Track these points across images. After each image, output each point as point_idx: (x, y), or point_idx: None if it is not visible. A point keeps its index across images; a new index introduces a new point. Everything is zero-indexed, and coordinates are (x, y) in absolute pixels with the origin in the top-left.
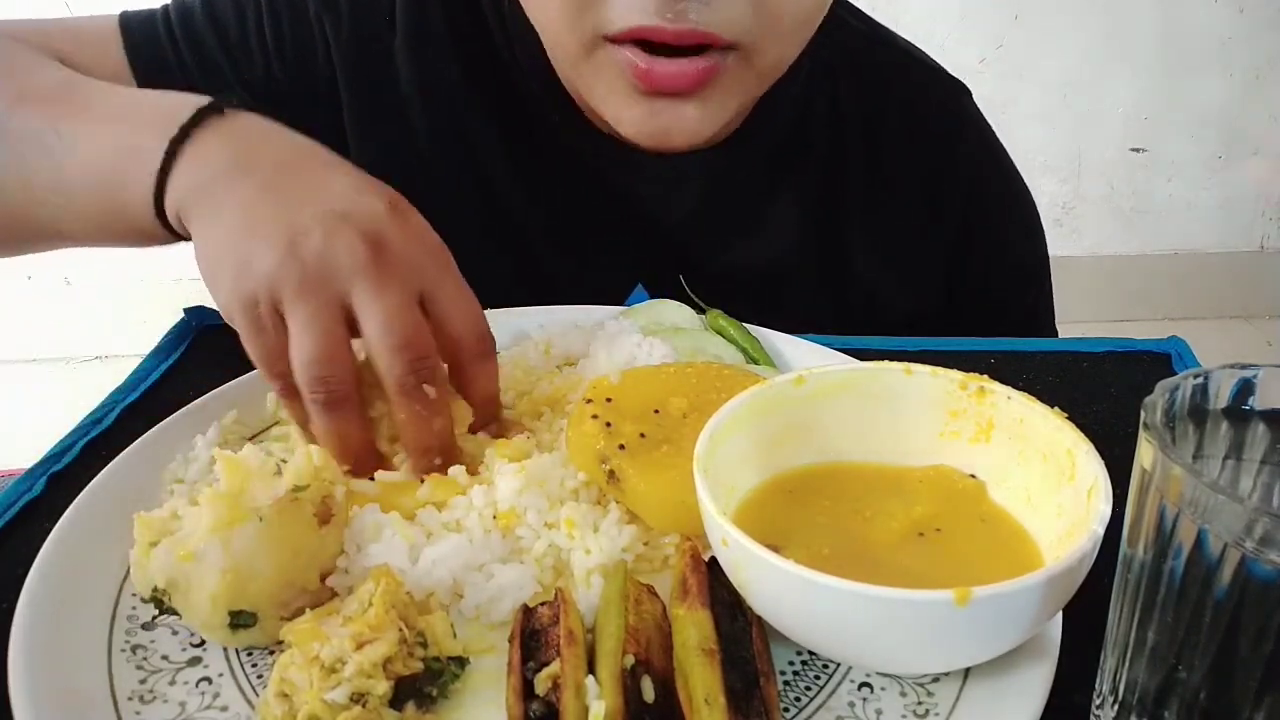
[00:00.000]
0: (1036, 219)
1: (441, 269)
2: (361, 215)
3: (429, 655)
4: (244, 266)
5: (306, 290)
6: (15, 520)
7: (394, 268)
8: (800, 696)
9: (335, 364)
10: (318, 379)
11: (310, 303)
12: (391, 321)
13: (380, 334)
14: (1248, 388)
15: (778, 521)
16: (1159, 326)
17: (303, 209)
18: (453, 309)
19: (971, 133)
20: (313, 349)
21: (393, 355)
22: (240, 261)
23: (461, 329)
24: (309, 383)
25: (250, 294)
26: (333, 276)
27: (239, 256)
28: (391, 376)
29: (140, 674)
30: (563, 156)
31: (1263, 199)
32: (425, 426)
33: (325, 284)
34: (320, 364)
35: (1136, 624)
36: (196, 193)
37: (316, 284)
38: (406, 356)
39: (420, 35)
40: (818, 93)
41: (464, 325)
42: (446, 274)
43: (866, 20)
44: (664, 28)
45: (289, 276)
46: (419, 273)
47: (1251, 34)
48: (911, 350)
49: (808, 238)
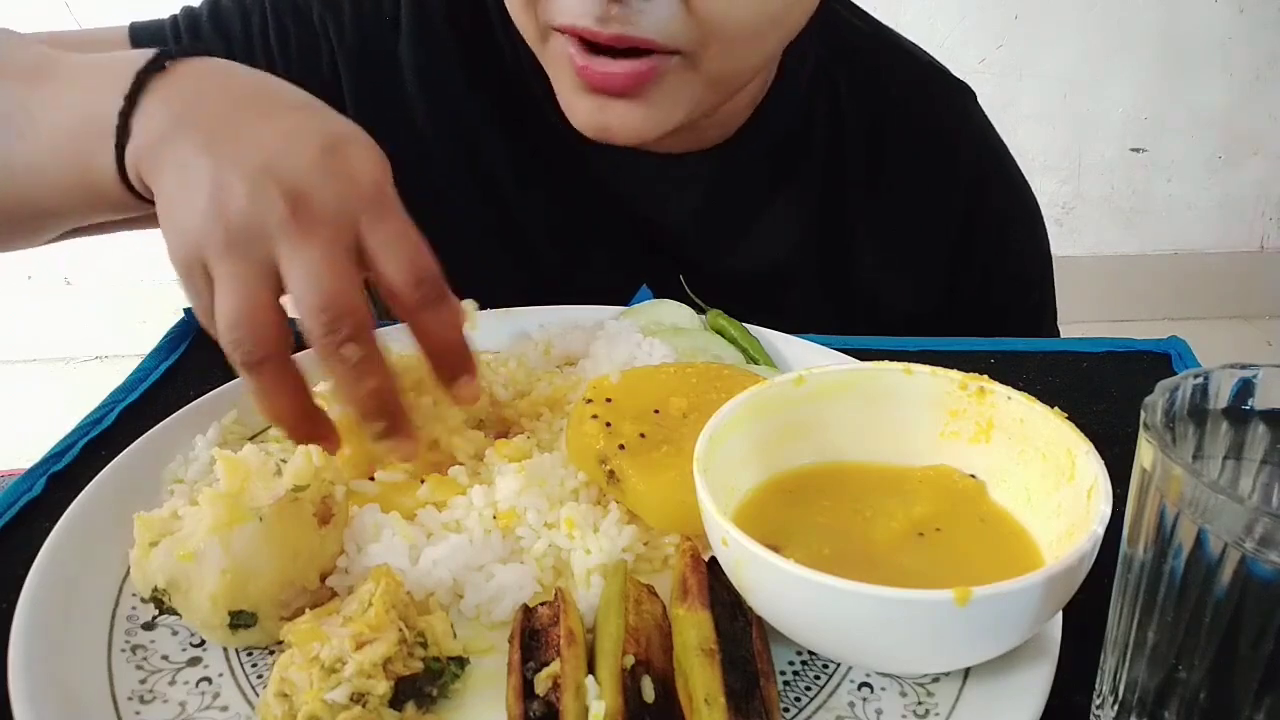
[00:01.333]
0: (1040, 222)
1: (376, 213)
2: (287, 167)
3: (429, 655)
4: (177, 229)
5: (228, 251)
6: (15, 520)
7: (316, 222)
8: (800, 696)
9: (253, 325)
10: (234, 340)
11: (231, 263)
12: (308, 280)
13: (299, 294)
14: (1248, 388)
15: (778, 521)
16: (1159, 326)
17: (229, 166)
18: (388, 254)
19: (975, 134)
20: (230, 311)
21: (311, 316)
22: (176, 221)
23: (397, 275)
24: (227, 344)
25: (184, 256)
26: (255, 236)
27: (175, 216)
28: (313, 339)
29: (140, 674)
30: (565, 157)
31: (1263, 199)
32: (355, 388)
33: (248, 244)
34: (237, 325)
35: (1136, 624)
36: (146, 158)
37: (238, 244)
38: (323, 317)
39: (423, 36)
40: (820, 93)
41: (401, 271)
42: (381, 218)
43: (869, 20)
44: (598, 31)
45: (212, 237)
46: (348, 220)
47: (1251, 34)
48: (911, 350)
49: (809, 238)
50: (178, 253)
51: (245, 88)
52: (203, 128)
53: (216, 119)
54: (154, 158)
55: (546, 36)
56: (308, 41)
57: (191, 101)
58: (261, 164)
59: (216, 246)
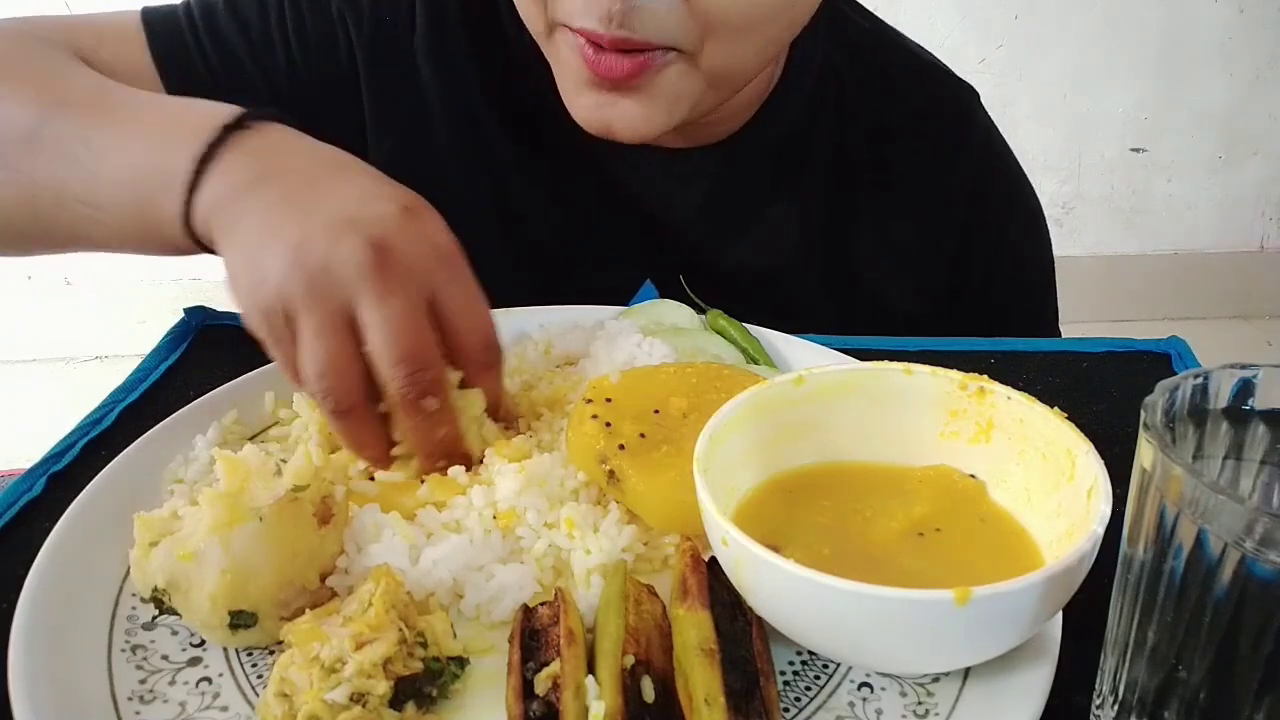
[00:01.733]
0: (1043, 223)
1: (451, 274)
2: (369, 220)
3: (429, 655)
4: (257, 279)
5: (312, 300)
6: (15, 520)
7: (398, 275)
8: (800, 696)
9: (339, 375)
10: (324, 390)
11: (315, 313)
12: (392, 332)
13: (381, 346)
14: (1248, 388)
15: (778, 521)
16: (1159, 326)
17: (312, 218)
18: (459, 316)
19: (978, 135)
20: (317, 362)
21: (392, 368)
22: (253, 274)
23: (467, 337)
24: (316, 393)
25: (264, 306)
26: (337, 284)
27: (252, 269)
28: (393, 389)
29: (140, 674)
30: (572, 154)
31: (1263, 199)
32: (428, 436)
33: (330, 293)
34: (324, 376)
35: (1136, 624)
36: (220, 210)
37: (321, 294)
38: (405, 370)
39: (438, 33)
40: (824, 92)
41: (470, 333)
42: (455, 279)
43: (874, 20)
44: (601, 33)
45: (295, 286)
46: (426, 278)
47: (1251, 34)
48: (911, 350)
49: (812, 238)
50: (255, 302)
51: (324, 153)
52: (285, 184)
53: (298, 177)
54: (231, 208)
55: (552, 32)
56: (325, 32)
57: (273, 160)
58: (345, 216)
59: (300, 294)
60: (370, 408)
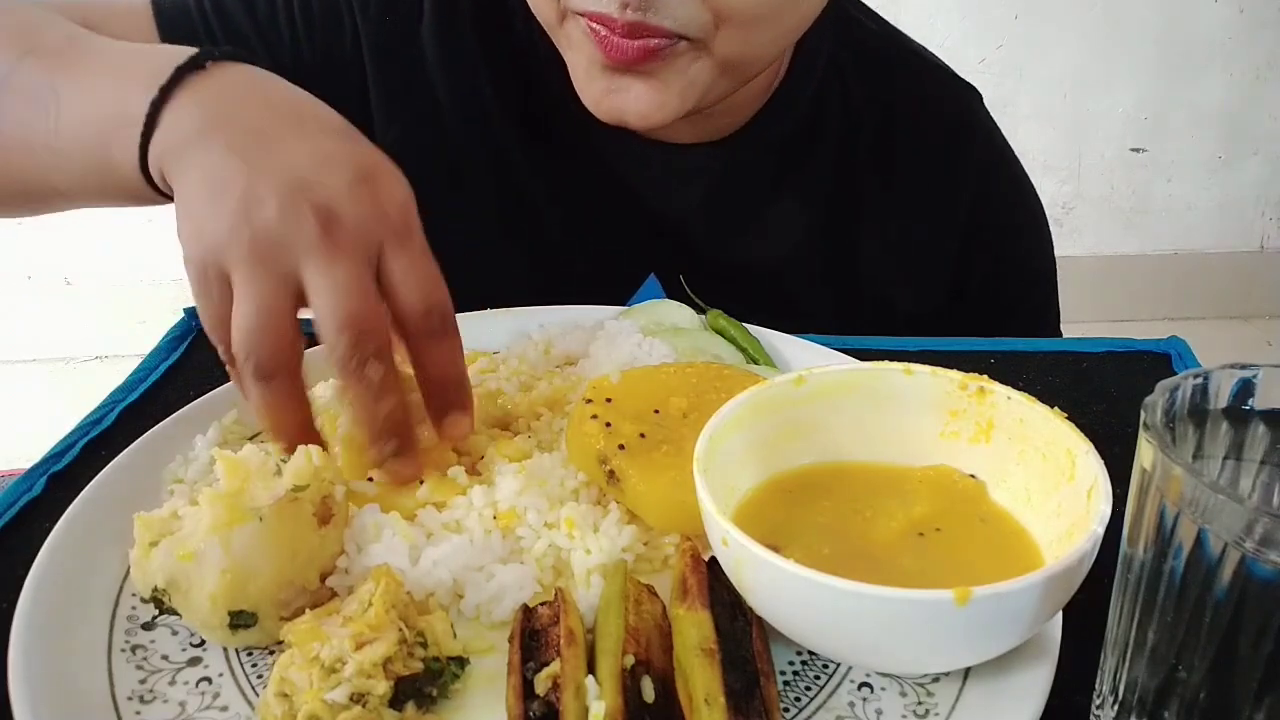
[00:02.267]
0: (1044, 224)
1: (398, 240)
2: (321, 186)
3: (429, 655)
4: (198, 230)
5: (253, 260)
6: (15, 520)
7: (345, 242)
8: (800, 696)
9: (268, 336)
10: (249, 349)
11: (254, 273)
12: (335, 298)
13: (324, 311)
14: (1248, 388)
15: (778, 521)
16: (1159, 326)
17: (262, 178)
18: (404, 281)
19: (981, 136)
20: (249, 319)
21: (335, 334)
22: (196, 225)
23: (409, 302)
24: (241, 351)
25: (201, 258)
26: (283, 249)
27: (196, 220)
28: (335, 356)
29: (140, 674)
30: (577, 146)
31: (1263, 199)
32: (372, 408)
33: (274, 257)
34: (253, 334)
35: (1136, 624)
36: (172, 154)
37: (264, 255)
38: (348, 335)
39: (445, 20)
40: (828, 91)
41: (413, 298)
42: (404, 245)
43: (879, 20)
44: (615, 19)
45: (238, 245)
46: (374, 243)
47: (1251, 34)
48: (912, 350)
49: (814, 235)
50: (195, 252)
51: (282, 102)
52: (236, 133)
53: (251, 127)
54: (181, 154)
55: (564, 19)
56: (332, 19)
57: (227, 105)
58: (296, 180)
59: (241, 253)
60: (296, 377)
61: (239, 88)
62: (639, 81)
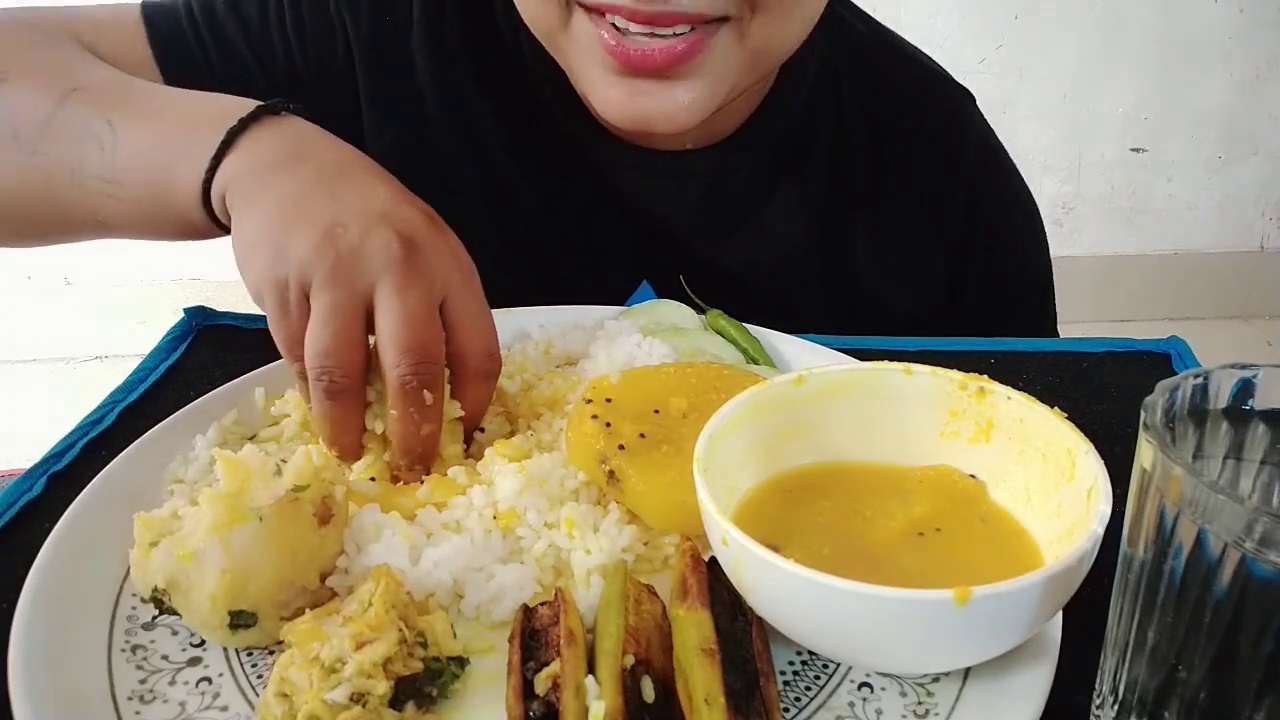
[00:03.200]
0: (1040, 226)
1: (466, 283)
2: (400, 218)
3: (429, 655)
4: (281, 249)
5: (335, 279)
6: (15, 520)
7: (421, 270)
8: (800, 696)
9: (343, 355)
10: (324, 368)
11: (335, 292)
12: (407, 320)
13: (393, 330)
14: (1248, 388)
15: (778, 521)
16: (1159, 326)
17: (346, 205)
18: (469, 323)
19: (975, 138)
20: (326, 339)
21: (400, 354)
22: (279, 244)
23: (471, 344)
24: (316, 368)
25: (282, 277)
26: (362, 269)
27: (278, 239)
28: (395, 374)
29: (140, 674)
30: (569, 152)
31: (1263, 199)
32: (414, 430)
33: (354, 276)
34: (329, 354)
35: (1136, 624)
36: (245, 177)
37: (345, 275)
38: (413, 358)
39: (435, 30)
40: (822, 95)
41: (475, 341)
42: (469, 289)
43: (872, 23)
44: (638, 8)
45: (321, 263)
46: (444, 281)
47: (1251, 34)
48: (911, 350)
49: (809, 239)
50: (273, 271)
51: (351, 152)
52: (317, 167)
53: (329, 164)
54: (254, 181)
55: (568, 21)
56: (324, 30)
57: (304, 145)
58: (378, 209)
59: (322, 273)
60: (361, 396)
61: (311, 133)
62: (664, 84)
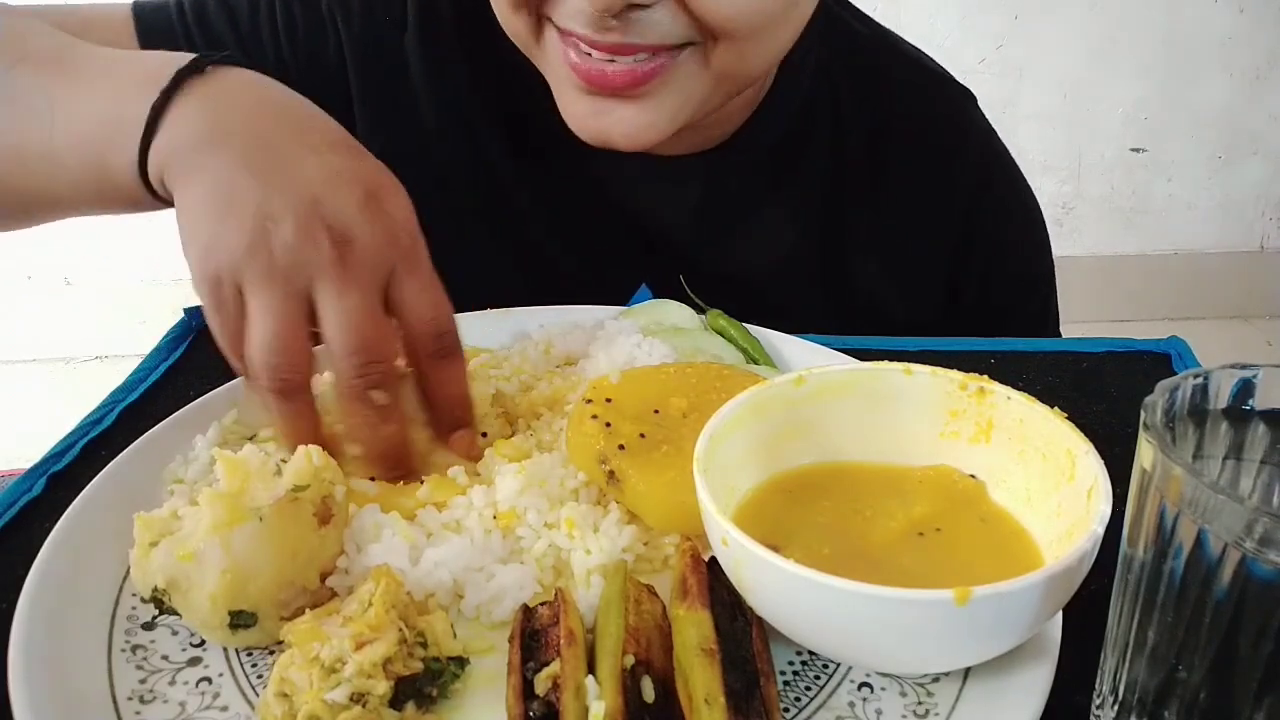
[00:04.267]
0: (1042, 227)
1: (409, 264)
2: (334, 208)
3: (429, 655)
4: (212, 244)
5: (270, 279)
6: (15, 520)
7: (356, 267)
8: (800, 696)
9: (288, 353)
10: (270, 366)
11: (272, 292)
12: (347, 323)
13: (335, 335)
14: (1248, 388)
15: (778, 521)
16: (1159, 326)
17: (276, 193)
18: (413, 305)
19: (976, 139)
20: (268, 337)
21: (344, 358)
22: (209, 238)
23: (418, 326)
24: (262, 369)
25: (215, 272)
26: (298, 269)
27: (209, 233)
28: (341, 379)
29: (140, 674)
30: (566, 153)
31: (1263, 199)
32: (374, 432)
33: (289, 276)
34: (274, 352)
35: (1136, 624)
36: (175, 159)
37: (281, 275)
38: (355, 360)
39: (430, 31)
40: (820, 96)
41: (421, 322)
42: (413, 269)
43: (871, 24)
44: (597, 39)
45: (255, 263)
46: (384, 268)
47: (1251, 34)
48: (911, 350)
49: (808, 242)
50: (210, 268)
51: (284, 110)
52: (243, 145)
53: (257, 138)
54: (186, 161)
55: (539, 36)
56: (315, 30)
57: (230, 112)
58: (310, 200)
59: (258, 273)
60: (310, 391)
61: (240, 93)
62: (627, 103)
